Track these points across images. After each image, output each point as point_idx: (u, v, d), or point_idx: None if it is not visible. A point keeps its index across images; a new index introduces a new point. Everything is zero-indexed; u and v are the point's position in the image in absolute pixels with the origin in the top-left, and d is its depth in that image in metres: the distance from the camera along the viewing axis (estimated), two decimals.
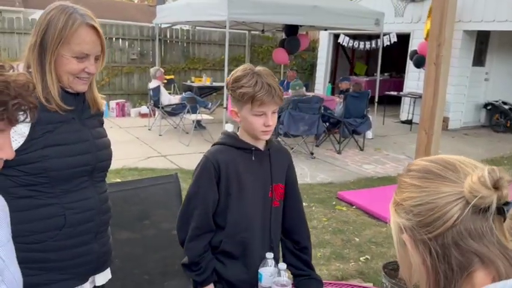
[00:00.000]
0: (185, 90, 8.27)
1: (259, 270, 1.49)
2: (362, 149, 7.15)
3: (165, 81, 8.31)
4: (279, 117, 6.15)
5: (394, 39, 9.52)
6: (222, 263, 1.56)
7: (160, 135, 7.47)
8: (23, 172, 1.28)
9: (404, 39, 9.55)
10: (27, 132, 1.25)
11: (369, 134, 7.94)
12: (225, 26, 9.18)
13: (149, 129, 7.84)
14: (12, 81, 0.75)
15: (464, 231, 0.67)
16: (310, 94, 7.33)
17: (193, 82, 9.17)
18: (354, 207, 4.60)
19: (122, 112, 9.05)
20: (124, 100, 9.47)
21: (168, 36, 10.65)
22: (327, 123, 7.04)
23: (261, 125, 1.47)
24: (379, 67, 8.26)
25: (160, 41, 10.37)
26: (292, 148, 6.59)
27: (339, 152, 6.88)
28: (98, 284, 1.53)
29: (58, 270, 1.36)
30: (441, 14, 2.37)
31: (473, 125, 9.53)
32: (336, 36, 11.26)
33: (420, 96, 9.28)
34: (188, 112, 7.07)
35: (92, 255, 1.44)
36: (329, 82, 11.31)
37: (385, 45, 9.63)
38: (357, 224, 4.20)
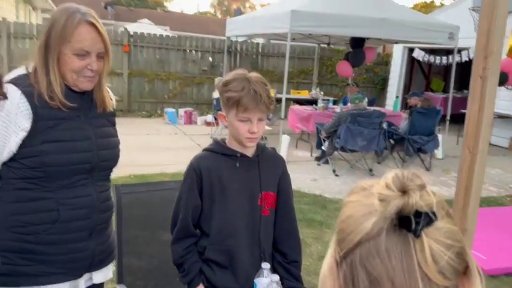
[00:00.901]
0: None
1: (254, 280, 1.46)
2: (428, 169, 6.73)
3: None
4: (335, 130, 6.03)
5: (473, 54, 8.90)
6: (211, 269, 1.54)
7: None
8: (23, 165, 1.34)
9: None
10: (29, 127, 1.32)
11: (438, 153, 7.46)
12: (294, 39, 9.34)
13: (211, 137, 8.10)
14: None
15: (373, 249, 0.55)
16: (371, 108, 7.08)
17: None
18: None
19: (189, 120, 9.45)
20: (192, 109, 9.89)
21: (239, 49, 10.97)
22: (391, 140, 6.75)
23: (245, 131, 1.46)
24: (452, 83, 7.77)
25: (230, 53, 10.73)
26: (351, 164, 6.42)
27: None
28: (96, 281, 1.55)
29: (49, 263, 1.40)
30: (489, 23, 2.20)
31: None
32: (411, 50, 10.81)
33: (499, 116, 8.54)
34: None
35: (87, 252, 1.46)
36: (396, 97, 10.84)
37: (463, 60, 9.05)
38: None
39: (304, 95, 9.77)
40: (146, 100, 10.27)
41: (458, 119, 9.06)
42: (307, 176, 6.03)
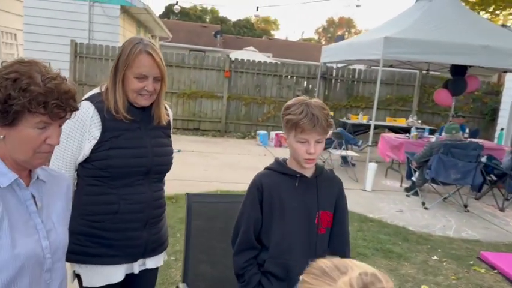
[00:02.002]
0: (339, 126, 8.41)
1: None
2: None
3: None
4: (426, 161, 5.75)
5: None
6: (269, 281, 1.65)
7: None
8: (93, 166, 1.65)
9: None
10: (98, 136, 1.63)
11: None
12: (391, 65, 9.16)
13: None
14: (55, 87, 1.06)
15: None
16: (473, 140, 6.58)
17: (349, 119, 9.25)
18: (495, 271, 3.96)
19: (280, 143, 9.71)
20: (283, 132, 10.13)
21: (334, 75, 11.04)
22: (492, 175, 6.21)
23: (303, 152, 1.56)
24: None
25: (326, 79, 10.85)
26: (444, 198, 6.03)
27: (501, 210, 5.95)
28: (148, 267, 1.82)
29: (111, 247, 1.68)
30: None
31: None
32: None
33: None
34: (335, 148, 7.18)
35: (141, 240, 1.73)
36: (501, 129, 9.86)
37: None
38: None
39: (401, 122, 9.43)
40: (242, 122, 10.82)
41: None
42: (393, 206, 5.81)
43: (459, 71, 6.98)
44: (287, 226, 1.61)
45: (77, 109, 1.11)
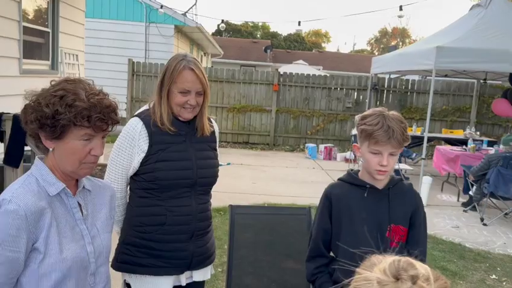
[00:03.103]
0: None
1: None
2: None
3: None
4: (484, 174, 5.45)
5: None
6: None
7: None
8: (142, 178, 1.74)
9: None
10: (146, 149, 1.71)
11: None
12: (446, 75, 8.81)
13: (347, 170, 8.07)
14: (98, 102, 1.15)
15: None
16: None
17: None
18: None
19: (329, 156, 9.60)
20: (332, 145, 10.04)
21: (386, 86, 10.79)
22: None
23: (376, 163, 1.55)
24: None
25: (377, 90, 10.62)
26: (505, 213, 5.66)
27: None
28: (195, 279, 1.85)
29: (159, 258, 1.74)
30: None
31: None
32: None
33: None
34: None
35: (187, 252, 1.77)
36: None
37: None
38: None
39: (458, 134, 9.00)
40: (290, 135, 10.83)
41: None
42: (448, 222, 5.54)
43: None
44: (356, 236, 1.60)
45: (118, 122, 1.20)
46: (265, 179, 7.30)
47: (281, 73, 10.96)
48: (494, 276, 3.94)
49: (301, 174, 7.83)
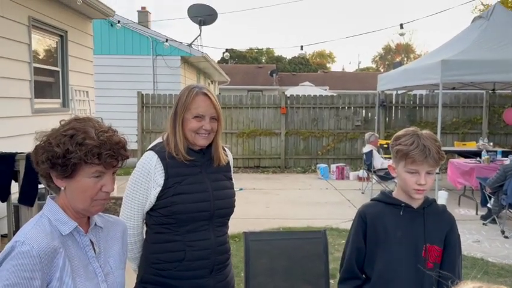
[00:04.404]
0: None
1: None
2: None
3: (385, 145, 8.37)
4: (501, 185, 5.34)
5: None
6: None
7: (371, 199, 7.48)
8: (159, 213, 1.70)
9: None
10: (162, 183, 1.68)
11: None
12: (454, 88, 8.77)
13: (362, 193, 7.98)
14: (107, 139, 1.16)
15: None
16: None
17: None
18: None
19: (341, 175, 9.53)
20: (344, 164, 9.97)
21: (394, 102, 10.78)
22: None
23: (413, 182, 1.56)
24: None
25: (385, 107, 10.61)
26: None
27: None
28: None
29: None
30: None
31: None
32: None
33: None
34: None
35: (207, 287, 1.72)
36: None
37: None
38: None
39: (471, 146, 8.89)
40: (301, 157, 10.81)
41: None
42: (469, 236, 5.40)
43: None
44: (391, 255, 1.59)
45: (127, 157, 1.21)
46: (278, 203, 7.25)
47: (288, 96, 11.04)
48: None
49: (315, 196, 7.76)
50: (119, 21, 10.39)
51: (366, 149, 7.64)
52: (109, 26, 11.59)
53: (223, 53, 11.01)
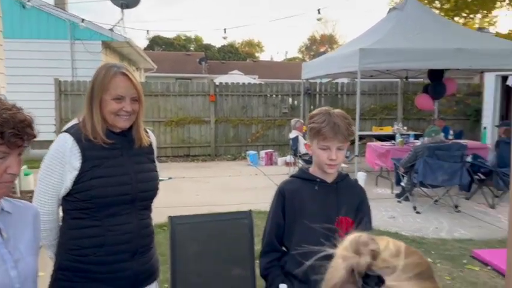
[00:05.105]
0: None
1: None
2: None
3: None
4: (413, 165, 5.81)
5: None
6: (291, 283, 1.70)
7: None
8: (76, 198, 1.63)
9: None
10: (79, 167, 1.61)
11: None
12: (372, 76, 9.31)
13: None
14: (10, 117, 1.09)
15: None
16: (450, 141, 6.67)
17: None
18: (489, 267, 3.97)
19: (270, 161, 9.76)
20: (272, 150, 10.22)
21: (318, 90, 11.21)
22: (479, 174, 6.27)
23: (325, 158, 1.67)
24: None
25: (310, 95, 11.00)
26: (435, 200, 6.07)
27: (492, 207, 5.99)
28: None
29: (99, 281, 1.64)
30: None
31: None
32: (505, 78, 10.06)
33: None
34: None
35: (130, 271, 1.68)
36: (484, 128, 10.03)
37: None
38: (487, 287, 3.62)
39: (387, 130, 9.55)
40: (231, 144, 10.89)
41: None
42: (385, 213, 5.83)
43: (437, 75, 7.13)
44: (307, 228, 1.66)
45: (34, 136, 1.15)
46: (208, 190, 7.26)
47: (217, 83, 11.00)
48: (429, 259, 4.19)
49: (244, 182, 7.87)
50: (29, 0, 9.57)
51: (292, 134, 7.89)
52: (21, 7, 10.67)
53: (146, 35, 10.60)
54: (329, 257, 0.68)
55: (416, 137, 7.96)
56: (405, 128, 9.48)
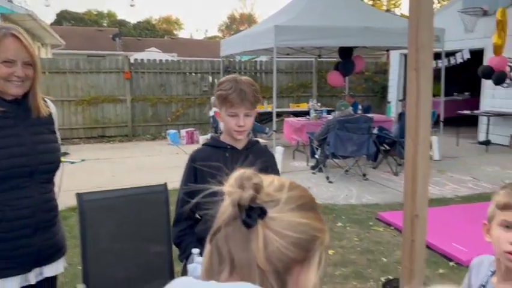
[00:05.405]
0: None
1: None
2: None
3: None
4: (325, 138, 6.14)
5: (467, 56, 8.96)
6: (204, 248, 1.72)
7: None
8: None
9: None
10: None
11: (435, 155, 7.47)
12: (288, 54, 9.55)
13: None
14: None
15: (224, 234, 0.66)
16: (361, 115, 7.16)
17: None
18: (392, 228, 4.38)
19: (191, 140, 9.67)
20: (193, 129, 10.13)
21: (237, 68, 11.25)
22: (385, 145, 6.82)
23: (234, 124, 1.69)
24: (442, 86, 7.79)
25: (229, 73, 11.00)
26: (346, 170, 6.49)
27: (396, 174, 6.58)
28: (46, 275, 1.69)
29: (0, 258, 1.55)
30: (417, 17, 2.33)
31: None
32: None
33: (498, 115, 8.50)
34: None
35: (33, 248, 1.60)
36: (388, 102, 10.92)
37: (458, 62, 9.11)
38: (390, 245, 4.00)
39: (303, 107, 9.93)
40: (150, 124, 10.58)
41: (458, 121, 9.08)
42: (300, 184, 6.11)
43: (346, 53, 7.52)
44: (217, 194, 1.67)
45: None
46: (126, 171, 7.02)
47: (132, 60, 10.54)
48: (340, 224, 4.53)
49: (165, 161, 7.73)
50: None
51: (212, 112, 7.88)
52: None
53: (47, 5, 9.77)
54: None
55: (329, 112, 8.39)
56: (319, 104, 9.94)
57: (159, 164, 7.48)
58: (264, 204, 0.65)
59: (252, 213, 0.63)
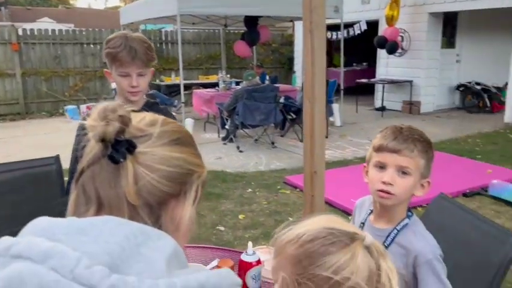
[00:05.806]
0: (153, 89, 8.29)
1: None
2: (326, 136, 7.12)
3: None
4: (234, 108, 6.17)
5: (364, 27, 9.48)
6: None
7: None
8: None
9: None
10: None
11: (336, 121, 7.93)
12: (194, 23, 9.30)
13: None
14: None
15: (90, 173, 0.62)
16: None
17: (162, 81, 9.20)
18: (298, 190, 4.59)
19: None
20: (95, 103, 9.51)
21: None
22: (291, 113, 7.05)
23: (126, 85, 1.59)
24: (342, 57, 8.24)
25: None
26: (255, 139, 6.61)
27: (301, 140, 6.86)
28: None
29: None
30: None
31: (447, 108, 9.46)
32: None
33: (392, 82, 9.23)
34: None
35: None
36: (293, 72, 11.35)
37: (356, 33, 9.62)
38: (296, 205, 4.20)
39: (213, 79, 9.83)
40: (45, 100, 9.70)
41: (357, 90, 9.70)
42: (212, 155, 6.11)
43: (252, 23, 7.54)
44: None
45: None
46: (21, 151, 6.40)
47: (20, 31, 9.48)
48: (250, 190, 4.63)
49: (64, 138, 7.05)
50: None
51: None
52: None
53: None
54: None
55: (238, 83, 8.42)
56: (228, 75, 9.92)
57: (58, 142, 6.85)
58: (134, 139, 0.61)
59: (119, 148, 0.59)
